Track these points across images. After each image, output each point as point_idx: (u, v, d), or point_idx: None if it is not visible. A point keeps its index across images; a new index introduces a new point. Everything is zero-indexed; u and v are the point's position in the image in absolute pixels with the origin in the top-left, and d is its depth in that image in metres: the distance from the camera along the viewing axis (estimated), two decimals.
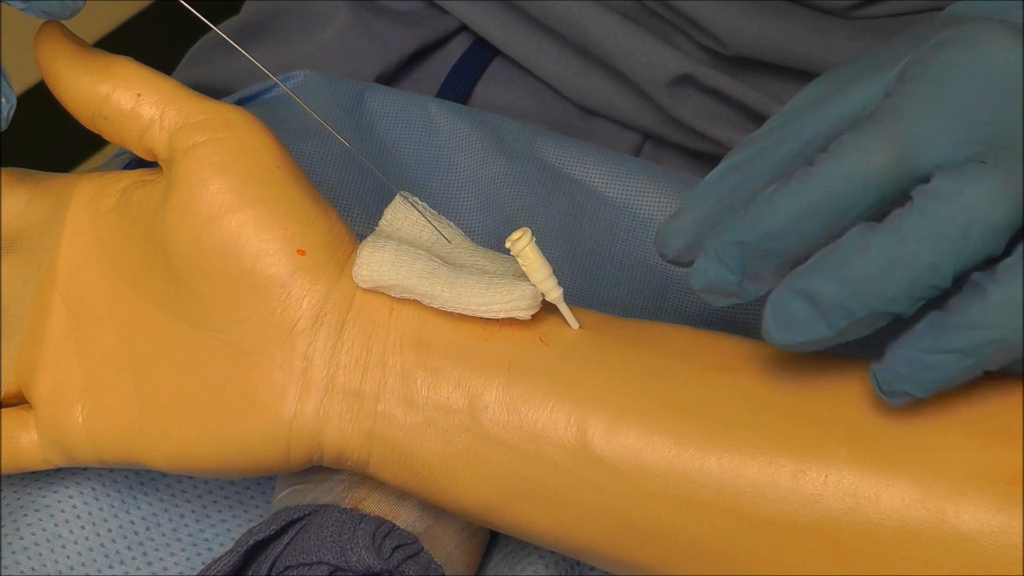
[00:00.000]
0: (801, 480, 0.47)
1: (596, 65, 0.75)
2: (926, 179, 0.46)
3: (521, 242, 0.50)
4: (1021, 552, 0.46)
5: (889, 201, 0.46)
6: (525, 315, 0.50)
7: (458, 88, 0.76)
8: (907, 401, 0.46)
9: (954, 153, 0.45)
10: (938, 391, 0.46)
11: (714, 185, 0.49)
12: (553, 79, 0.75)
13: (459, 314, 0.50)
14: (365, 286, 0.51)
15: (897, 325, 0.46)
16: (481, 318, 0.50)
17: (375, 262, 0.51)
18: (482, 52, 0.77)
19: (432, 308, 0.51)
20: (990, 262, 0.46)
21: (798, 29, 0.71)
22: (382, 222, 0.53)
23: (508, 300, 0.50)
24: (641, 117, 0.75)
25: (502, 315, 0.50)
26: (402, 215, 0.53)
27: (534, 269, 0.50)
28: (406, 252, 0.51)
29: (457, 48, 0.78)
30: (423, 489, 0.51)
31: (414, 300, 0.51)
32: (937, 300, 0.46)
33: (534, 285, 0.50)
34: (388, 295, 0.51)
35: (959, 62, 0.46)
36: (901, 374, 0.45)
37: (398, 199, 0.54)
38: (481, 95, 0.77)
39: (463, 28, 0.78)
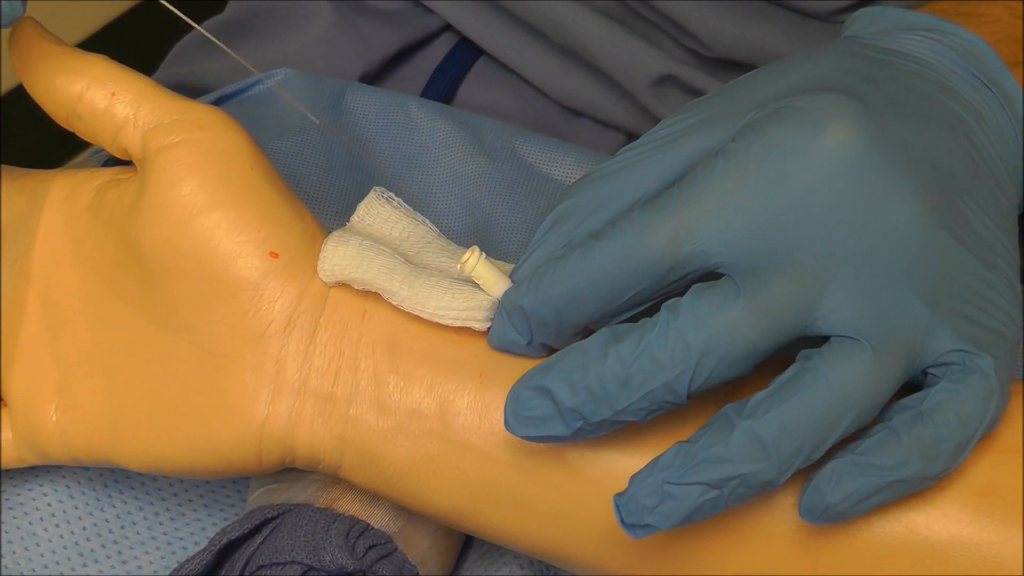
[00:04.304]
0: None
1: (580, 65, 0.74)
2: (713, 273, 0.45)
3: (470, 263, 0.49)
4: (992, 563, 0.46)
5: (677, 288, 0.46)
6: (481, 326, 0.49)
7: (442, 88, 0.76)
8: (649, 534, 0.44)
9: (727, 257, 0.44)
10: (678, 526, 0.44)
11: (547, 232, 0.48)
12: (537, 79, 0.75)
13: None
14: (328, 280, 0.51)
15: None
16: None
17: (338, 256, 0.50)
18: (466, 52, 0.77)
19: (405, 312, 0.50)
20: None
21: (780, 32, 0.71)
22: (354, 218, 0.53)
23: (464, 308, 0.49)
24: (624, 117, 0.75)
25: (458, 323, 0.49)
26: (375, 211, 0.53)
27: (491, 284, 0.49)
28: (369, 247, 0.50)
29: (441, 48, 0.78)
30: (395, 493, 0.51)
31: (388, 304, 0.50)
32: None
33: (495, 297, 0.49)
34: (363, 300, 0.51)
35: (782, 143, 0.44)
36: (645, 505, 0.44)
37: (373, 195, 0.53)
38: (465, 95, 0.77)
39: (447, 27, 0.78)
